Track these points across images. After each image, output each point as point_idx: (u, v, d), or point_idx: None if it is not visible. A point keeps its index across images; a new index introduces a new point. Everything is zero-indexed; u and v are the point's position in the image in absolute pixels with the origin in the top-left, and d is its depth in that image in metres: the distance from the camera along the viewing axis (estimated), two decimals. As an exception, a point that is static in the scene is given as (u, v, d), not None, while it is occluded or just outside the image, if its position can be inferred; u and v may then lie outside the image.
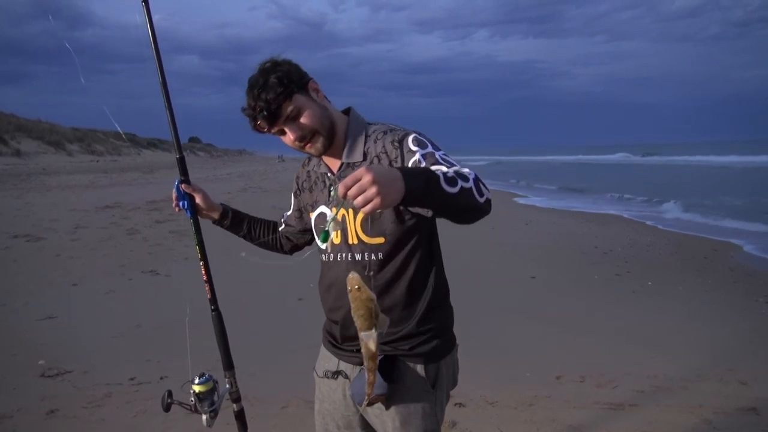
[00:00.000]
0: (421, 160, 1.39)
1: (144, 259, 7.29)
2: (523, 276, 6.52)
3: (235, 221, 1.87)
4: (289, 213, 1.86)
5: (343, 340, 1.61)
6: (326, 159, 1.59)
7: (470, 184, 1.25)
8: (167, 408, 1.65)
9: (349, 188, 1.08)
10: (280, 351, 4.08)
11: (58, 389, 3.53)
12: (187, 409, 1.67)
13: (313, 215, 1.65)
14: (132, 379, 3.66)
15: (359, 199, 1.08)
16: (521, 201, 16.60)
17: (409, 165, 1.41)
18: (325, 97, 1.54)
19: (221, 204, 1.87)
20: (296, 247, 1.91)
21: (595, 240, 8.91)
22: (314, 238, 1.76)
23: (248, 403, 3.24)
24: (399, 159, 1.44)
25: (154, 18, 1.66)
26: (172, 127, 1.78)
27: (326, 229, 1.34)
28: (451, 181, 1.21)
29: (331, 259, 1.58)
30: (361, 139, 1.53)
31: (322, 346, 1.72)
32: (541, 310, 5.29)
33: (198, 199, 1.80)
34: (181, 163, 1.80)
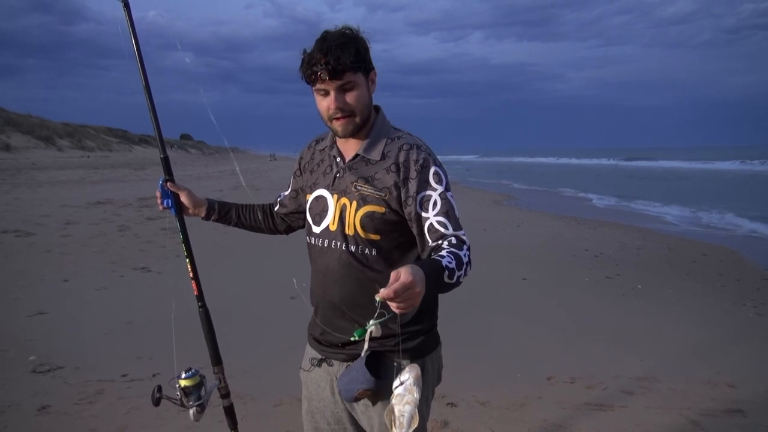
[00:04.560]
0: (437, 203, 1.48)
1: (135, 255, 7.26)
2: (514, 277, 6.56)
3: (222, 213, 1.88)
4: (286, 193, 1.85)
5: (323, 332, 1.62)
6: (341, 144, 1.60)
7: (463, 270, 1.39)
8: (157, 402, 1.67)
9: (399, 295, 1.15)
10: (272, 349, 4.08)
11: (49, 385, 3.52)
12: (175, 403, 1.69)
13: (311, 197, 1.63)
14: (124, 375, 3.65)
15: (404, 306, 1.17)
16: (513, 203, 16.67)
17: (422, 197, 1.48)
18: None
19: (207, 199, 1.88)
20: (291, 228, 1.91)
21: (586, 243, 8.98)
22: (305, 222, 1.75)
23: (241, 400, 3.27)
24: (415, 183, 1.48)
25: (150, 14, 1.71)
26: (155, 126, 1.81)
27: (366, 328, 1.36)
28: (451, 274, 1.34)
29: (325, 245, 1.57)
30: (383, 140, 1.55)
31: (308, 345, 1.73)
32: (532, 311, 5.33)
33: (183, 197, 1.82)
34: (165, 163, 1.83)
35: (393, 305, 1.17)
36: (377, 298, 1.19)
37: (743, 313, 5.41)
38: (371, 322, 1.33)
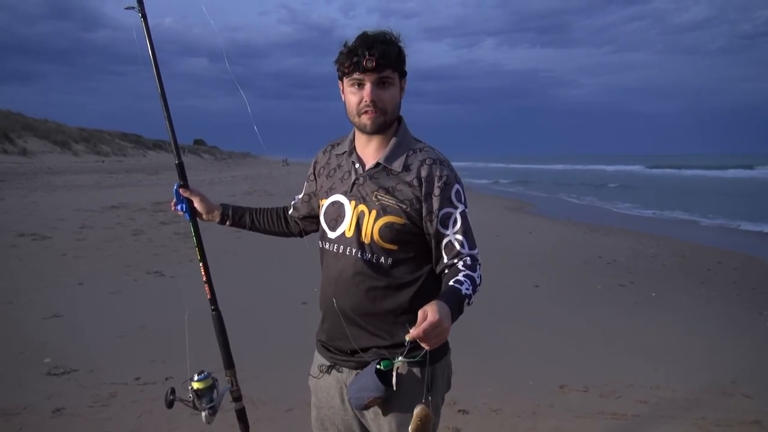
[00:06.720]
0: (457, 221, 1.52)
1: (149, 260, 7.32)
2: (526, 284, 6.53)
3: (236, 218, 1.90)
4: (299, 197, 1.86)
5: (333, 338, 1.62)
6: (360, 151, 1.60)
7: (477, 291, 1.47)
8: (170, 404, 1.69)
9: (428, 334, 1.21)
10: (284, 354, 4.09)
11: (64, 388, 3.55)
12: (187, 405, 1.70)
13: (326, 202, 1.62)
14: (137, 379, 3.68)
15: (433, 343, 1.24)
16: (525, 210, 16.60)
17: (444, 214, 1.51)
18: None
19: (221, 204, 1.90)
20: (304, 231, 1.92)
21: (599, 250, 8.91)
22: (319, 226, 1.76)
23: (253, 405, 3.27)
24: (438, 200, 1.51)
25: (166, 21, 1.73)
26: (170, 133, 1.84)
27: (394, 363, 1.41)
28: (469, 300, 1.42)
29: (339, 251, 1.57)
30: (404, 151, 1.56)
31: (316, 352, 1.73)
32: (544, 319, 5.29)
33: (196, 203, 1.85)
34: (180, 168, 1.86)
35: (423, 344, 1.24)
36: (407, 338, 1.24)
37: (759, 322, 5.33)
38: (399, 359, 1.37)
